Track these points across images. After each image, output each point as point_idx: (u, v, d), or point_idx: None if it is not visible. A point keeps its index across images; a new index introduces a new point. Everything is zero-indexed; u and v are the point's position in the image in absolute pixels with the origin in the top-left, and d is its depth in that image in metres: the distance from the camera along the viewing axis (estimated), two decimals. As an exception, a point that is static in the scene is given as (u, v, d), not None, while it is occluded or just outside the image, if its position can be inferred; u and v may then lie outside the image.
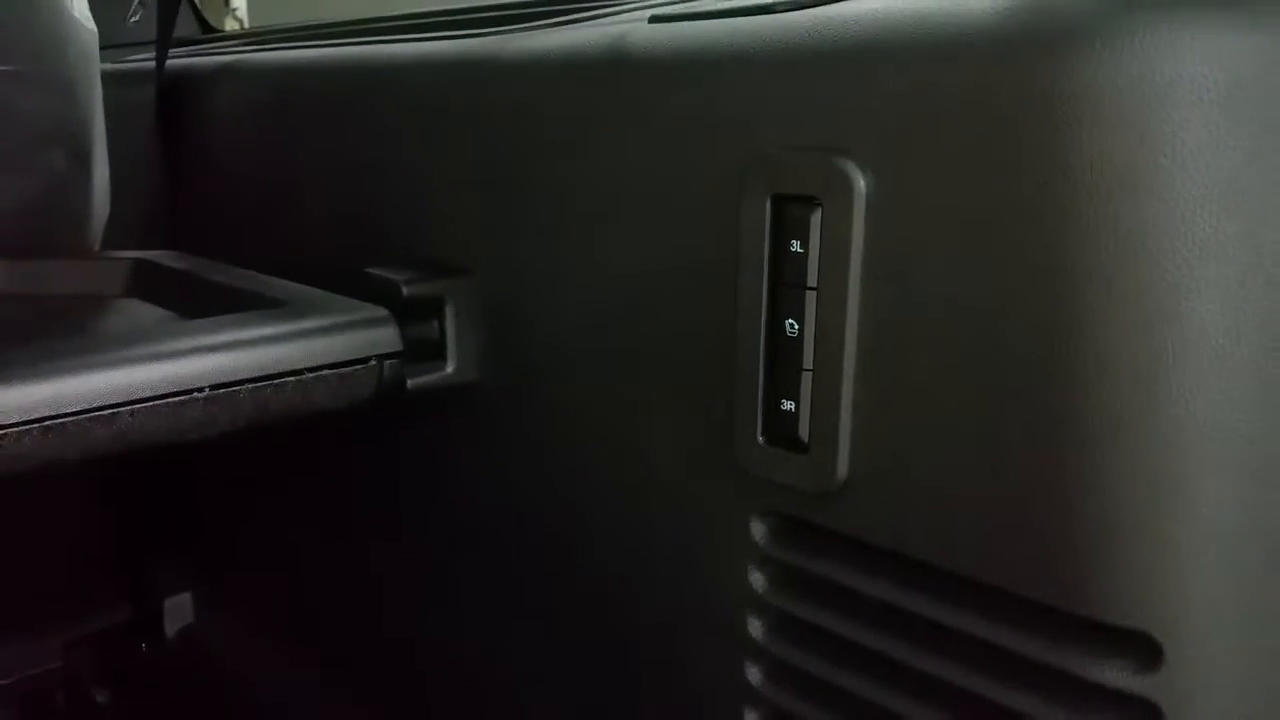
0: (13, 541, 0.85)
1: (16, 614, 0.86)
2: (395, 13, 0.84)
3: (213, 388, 0.46)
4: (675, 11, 0.43)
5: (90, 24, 0.70)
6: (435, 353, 0.53)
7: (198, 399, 0.46)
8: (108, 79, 0.73)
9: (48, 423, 0.43)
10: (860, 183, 0.34)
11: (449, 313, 0.53)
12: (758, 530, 0.39)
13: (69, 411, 0.43)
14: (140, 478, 0.89)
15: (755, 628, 0.40)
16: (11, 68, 0.66)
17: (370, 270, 0.54)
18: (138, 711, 0.87)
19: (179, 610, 0.88)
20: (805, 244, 0.35)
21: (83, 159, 0.73)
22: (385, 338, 0.51)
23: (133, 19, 0.87)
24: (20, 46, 0.67)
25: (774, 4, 0.38)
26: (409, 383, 0.52)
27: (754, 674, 0.40)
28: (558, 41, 0.48)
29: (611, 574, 0.47)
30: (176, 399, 0.46)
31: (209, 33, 1.04)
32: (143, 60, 0.82)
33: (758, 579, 0.39)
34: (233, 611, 0.86)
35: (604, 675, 0.49)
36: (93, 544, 0.90)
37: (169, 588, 0.88)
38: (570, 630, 0.50)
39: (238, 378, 0.47)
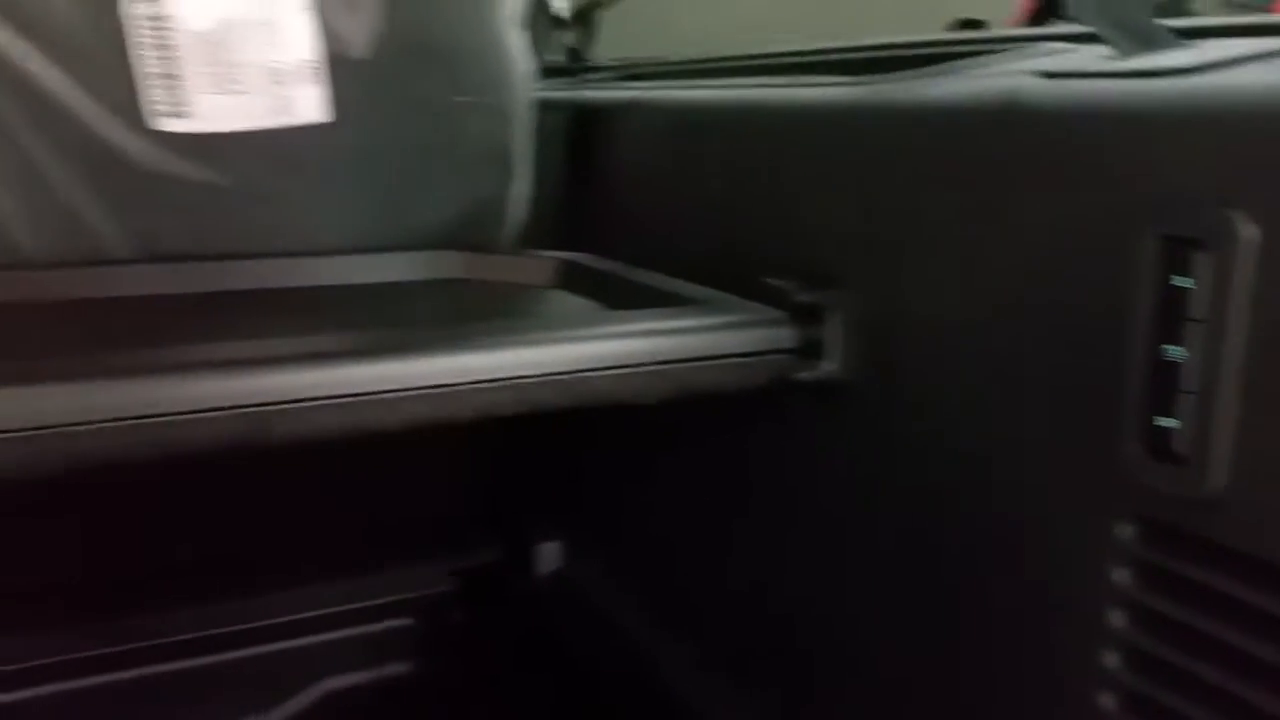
0: (423, 477, 1.03)
1: (417, 539, 1.04)
2: (756, 51, 0.93)
3: (649, 364, 0.58)
4: (1066, 69, 0.49)
5: (527, 62, 0.85)
6: (816, 353, 0.62)
7: (638, 372, 0.58)
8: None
9: (530, 380, 0.56)
10: (1248, 231, 0.39)
11: (830, 318, 0.61)
12: (1125, 531, 0.44)
13: (543, 373, 0.56)
14: (527, 436, 1.03)
15: (1116, 618, 0.45)
16: (469, 99, 0.81)
17: (766, 280, 0.63)
18: (511, 633, 1.03)
19: (550, 555, 1.03)
20: (1192, 281, 0.40)
21: (512, 174, 0.88)
22: (782, 336, 0.60)
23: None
24: (476, 81, 0.82)
25: (1164, 70, 0.43)
26: (795, 376, 0.61)
27: (1111, 659, 0.45)
28: (952, 91, 0.55)
29: (971, 562, 0.53)
30: (620, 370, 0.57)
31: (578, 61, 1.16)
32: (552, 89, 0.96)
33: (1121, 575, 0.45)
34: (599, 562, 0.99)
35: (961, 654, 0.55)
36: (484, 487, 1.07)
37: (543, 534, 1.03)
38: (925, 610, 0.57)
39: (667, 358, 0.58)
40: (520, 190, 0.89)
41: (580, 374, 0.57)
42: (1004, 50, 0.59)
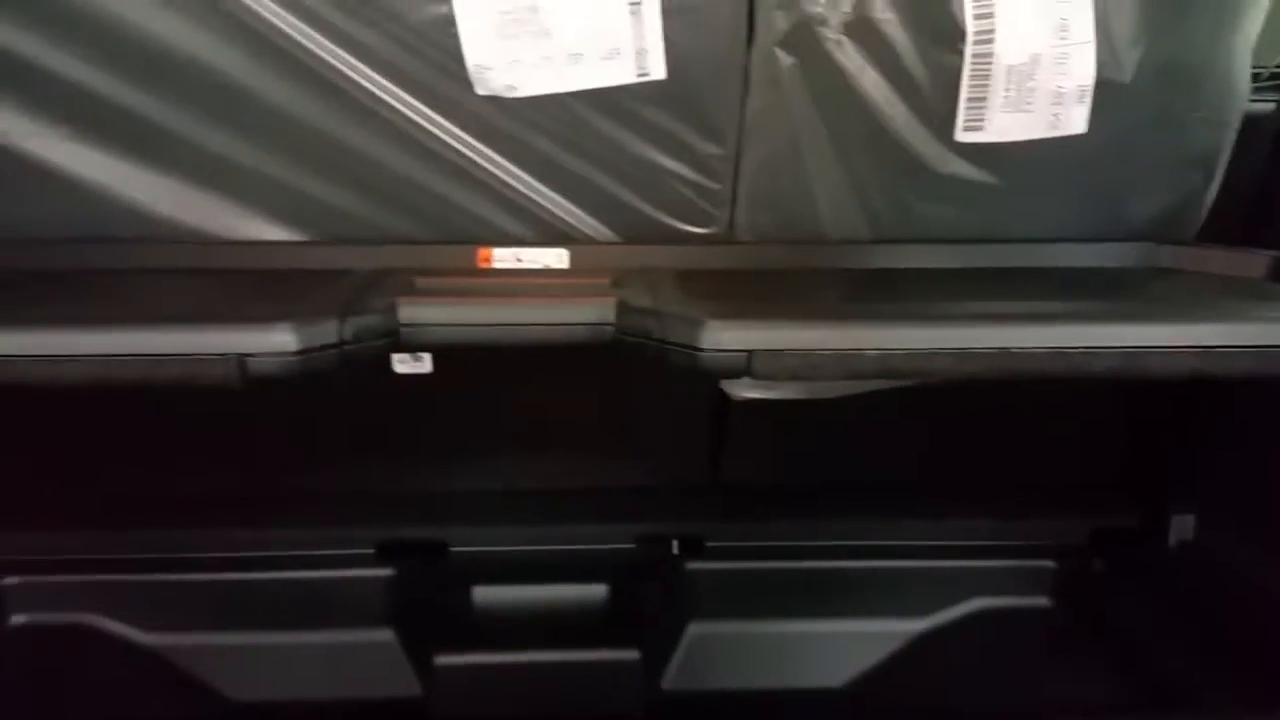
0: (1076, 446, 1.17)
1: (1066, 498, 1.18)
2: None
3: None
4: None
5: (1247, 78, 0.95)
6: None
7: None
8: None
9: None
10: None
11: None
12: None
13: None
14: (1170, 417, 1.14)
15: None
16: (1202, 114, 0.94)
17: None
18: (1142, 589, 1.14)
19: (1183, 526, 1.13)
20: None
21: (1212, 177, 0.99)
22: None
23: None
24: (1207, 97, 0.94)
25: None
26: None
27: None
28: None
29: None
30: None
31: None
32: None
33: None
34: (1234, 535, 1.07)
35: None
36: (1128, 461, 1.19)
37: (1179, 507, 1.13)
38: None
39: None
40: (1213, 191, 1.00)
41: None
42: None
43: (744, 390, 1.07)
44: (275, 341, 0.68)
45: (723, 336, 0.69)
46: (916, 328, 0.72)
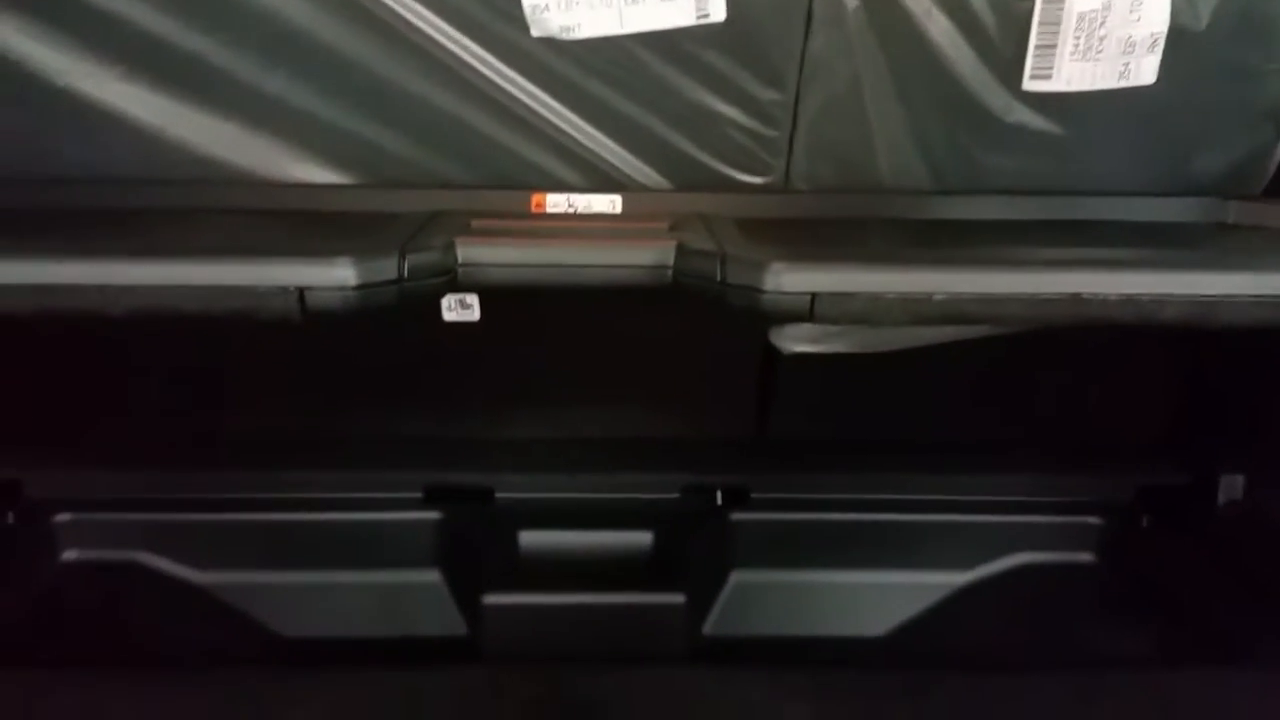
0: (1126, 405, 1.16)
1: (1114, 456, 1.17)
2: None
3: None
4: None
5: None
6: None
7: None
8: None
9: None
10: None
11: None
12: None
13: None
14: (1222, 378, 1.13)
15: None
16: (1275, 64, 0.91)
17: None
18: (1190, 547, 1.14)
19: (1233, 486, 1.12)
20: None
21: (1281, 130, 0.97)
22: None
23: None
24: (1281, 48, 0.91)
25: None
26: None
27: None
28: None
29: None
30: None
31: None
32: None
33: None
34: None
35: None
36: (1179, 421, 1.17)
37: (1229, 467, 1.12)
38: None
39: None
40: (1280, 145, 0.98)
41: None
42: None
43: (792, 344, 1.07)
44: (335, 276, 0.68)
45: (786, 279, 0.68)
46: (986, 272, 0.71)
